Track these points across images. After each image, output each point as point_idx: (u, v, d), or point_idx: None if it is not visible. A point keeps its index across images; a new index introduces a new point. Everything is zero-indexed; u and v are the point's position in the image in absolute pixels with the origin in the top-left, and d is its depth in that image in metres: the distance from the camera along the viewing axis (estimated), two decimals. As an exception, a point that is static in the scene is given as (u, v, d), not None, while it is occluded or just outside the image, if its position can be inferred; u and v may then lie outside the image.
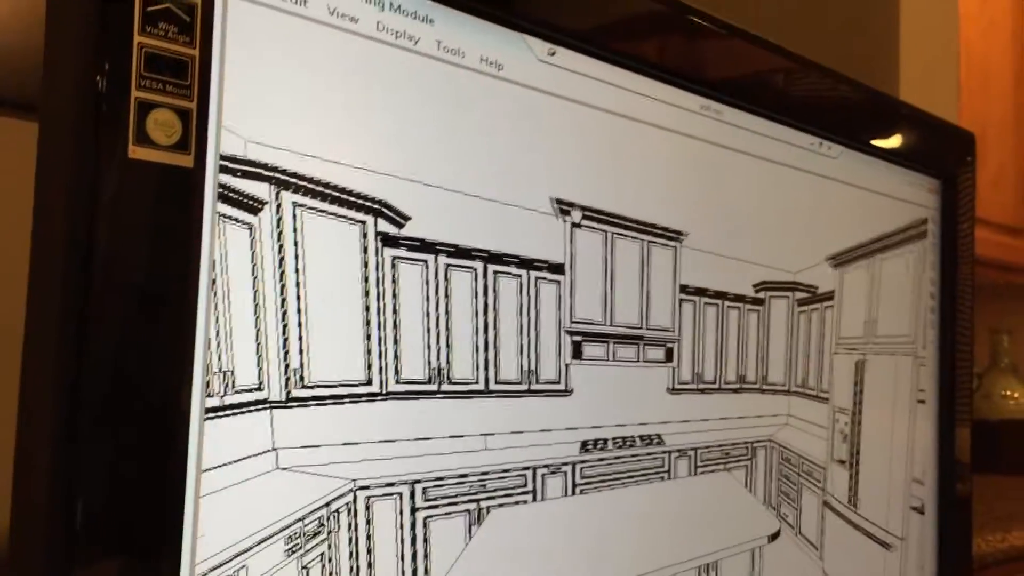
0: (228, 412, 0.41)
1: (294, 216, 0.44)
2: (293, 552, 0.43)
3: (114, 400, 0.37)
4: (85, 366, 0.36)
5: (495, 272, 0.52)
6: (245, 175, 0.42)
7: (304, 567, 0.44)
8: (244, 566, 0.41)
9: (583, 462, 0.57)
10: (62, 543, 0.36)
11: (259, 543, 0.42)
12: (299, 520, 0.43)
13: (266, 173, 0.43)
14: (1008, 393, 2.30)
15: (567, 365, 0.56)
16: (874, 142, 0.80)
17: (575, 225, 0.57)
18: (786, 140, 0.73)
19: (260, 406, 0.42)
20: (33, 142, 0.38)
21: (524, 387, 0.54)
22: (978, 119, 2.02)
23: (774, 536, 0.71)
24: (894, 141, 0.83)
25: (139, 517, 0.38)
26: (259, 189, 0.43)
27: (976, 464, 2.42)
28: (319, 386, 0.44)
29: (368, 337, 0.46)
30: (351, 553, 0.46)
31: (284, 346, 0.43)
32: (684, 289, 0.64)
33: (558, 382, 0.56)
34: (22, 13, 0.77)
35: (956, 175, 0.89)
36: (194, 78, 0.39)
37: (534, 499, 0.55)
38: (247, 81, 0.42)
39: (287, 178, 0.43)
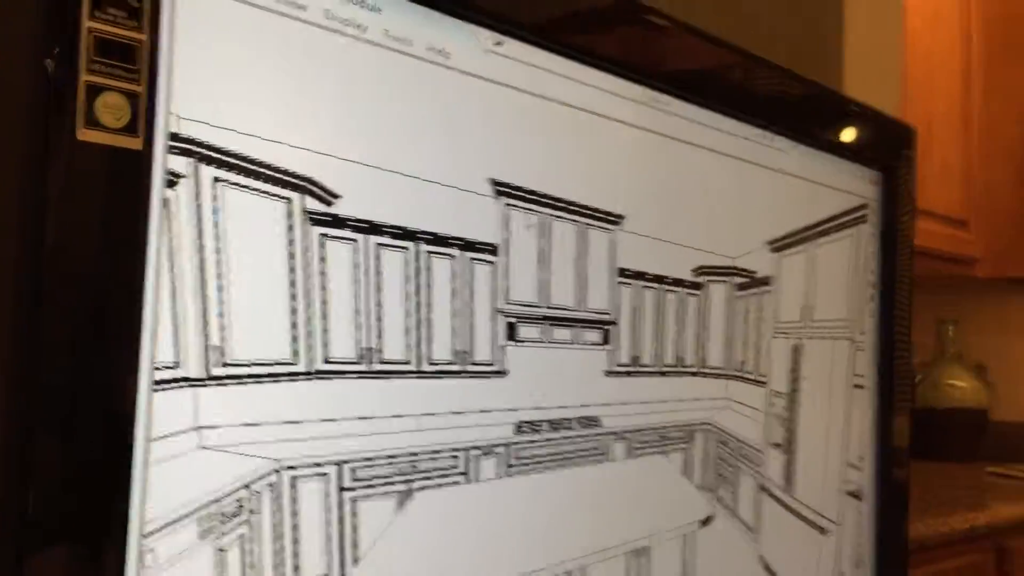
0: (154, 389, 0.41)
1: (217, 192, 0.43)
2: (210, 533, 0.43)
3: (65, 373, 0.38)
4: (36, 342, 0.37)
5: (428, 252, 0.52)
6: (181, 152, 0.42)
7: (222, 548, 0.44)
8: (164, 545, 0.41)
9: (517, 444, 0.58)
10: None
11: (178, 522, 0.42)
12: (220, 500, 0.43)
13: (195, 149, 0.43)
14: (954, 382, 2.34)
15: (502, 347, 0.57)
16: (815, 134, 0.81)
17: (513, 206, 0.57)
18: (729, 131, 0.73)
19: (179, 383, 0.42)
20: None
21: (458, 368, 0.54)
22: (924, 113, 2.05)
23: (708, 520, 0.72)
24: (834, 133, 0.84)
25: (88, 486, 0.39)
26: (181, 165, 0.42)
27: (922, 451, 2.48)
28: (242, 364, 0.44)
29: (294, 316, 0.46)
30: (275, 534, 0.46)
31: (204, 324, 0.43)
32: (623, 272, 0.64)
33: (492, 363, 0.56)
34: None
35: (896, 167, 0.90)
36: (143, 62, 0.40)
37: (467, 481, 0.55)
38: (195, 66, 0.42)
39: (211, 154, 0.43)
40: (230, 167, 0.44)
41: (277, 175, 0.46)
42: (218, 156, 0.43)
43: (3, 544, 0.38)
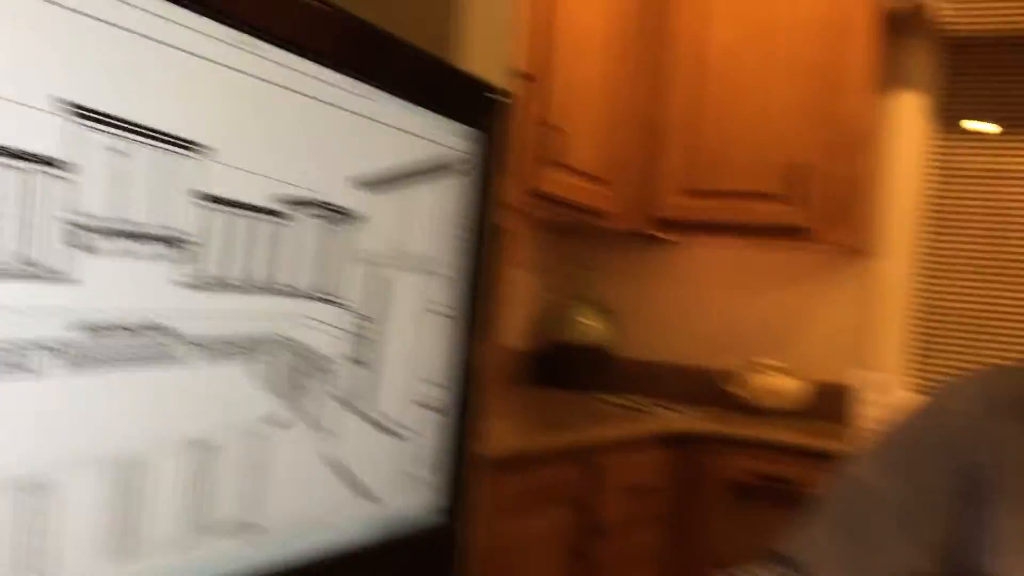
0: None
1: None
2: None
3: None
4: None
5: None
6: None
7: None
8: None
9: (85, 344, 0.63)
10: None
11: None
12: None
13: None
14: (585, 321, 2.64)
15: (68, 253, 0.62)
16: (410, 89, 0.92)
17: (85, 126, 0.62)
18: (324, 79, 0.82)
19: None
20: None
21: (21, 271, 0.59)
22: (576, 79, 2.27)
23: (284, 423, 0.81)
24: (429, 90, 0.95)
25: None
26: None
27: (551, 380, 2.74)
28: None
29: None
30: None
31: None
32: (208, 197, 0.71)
33: (61, 270, 0.61)
34: None
35: (489, 125, 1.03)
36: None
37: (30, 377, 0.60)
38: None
39: None
40: None
41: None
42: None
43: None
